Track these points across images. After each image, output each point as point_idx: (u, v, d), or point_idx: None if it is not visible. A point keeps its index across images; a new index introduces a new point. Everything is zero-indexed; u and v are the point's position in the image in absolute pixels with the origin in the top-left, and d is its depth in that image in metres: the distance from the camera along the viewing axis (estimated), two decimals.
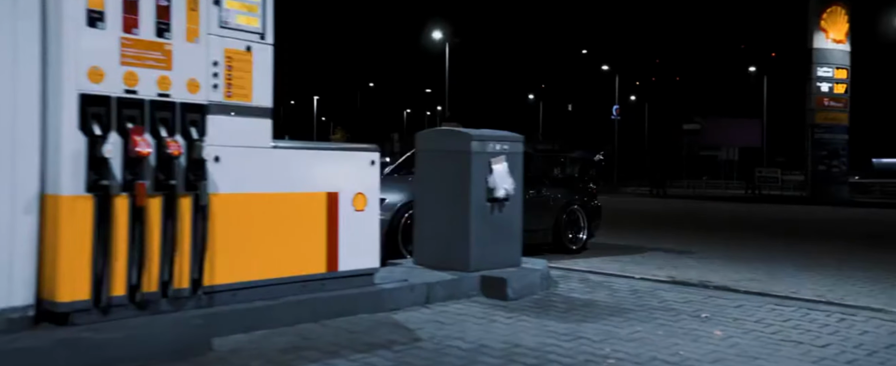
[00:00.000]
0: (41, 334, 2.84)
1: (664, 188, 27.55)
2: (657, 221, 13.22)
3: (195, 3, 3.38)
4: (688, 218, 14.65)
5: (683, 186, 31.26)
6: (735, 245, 8.63)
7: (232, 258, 3.45)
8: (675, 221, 13.43)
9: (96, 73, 3.06)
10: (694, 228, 11.67)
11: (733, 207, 19.04)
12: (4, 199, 2.87)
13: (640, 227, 11.26)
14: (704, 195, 26.81)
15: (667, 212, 16.50)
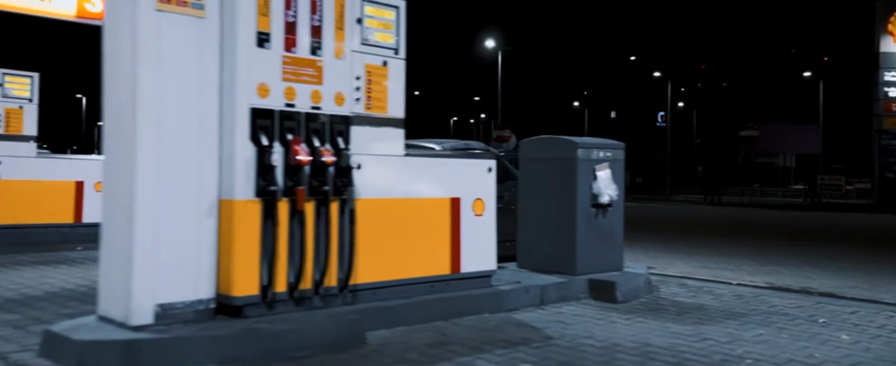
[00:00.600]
0: (227, 324, 3.13)
1: (719, 196, 27.11)
2: (722, 230, 13.12)
3: (342, 22, 3.67)
4: (751, 226, 14.46)
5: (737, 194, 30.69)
6: (814, 253, 8.55)
7: (371, 259, 3.71)
8: (740, 230, 13.29)
9: (263, 88, 3.36)
10: (762, 236, 11.55)
11: (795, 216, 18.65)
12: (191, 203, 3.19)
13: (703, 234, 11.21)
14: (761, 203, 26.27)
15: (727, 220, 16.30)
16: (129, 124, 3.08)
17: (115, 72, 3.20)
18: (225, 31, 3.29)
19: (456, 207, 4.16)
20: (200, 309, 3.20)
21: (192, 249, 3.18)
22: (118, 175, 3.15)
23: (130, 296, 3.02)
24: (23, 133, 7.28)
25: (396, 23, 3.92)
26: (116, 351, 2.85)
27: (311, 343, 3.17)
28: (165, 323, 3.07)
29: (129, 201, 3.05)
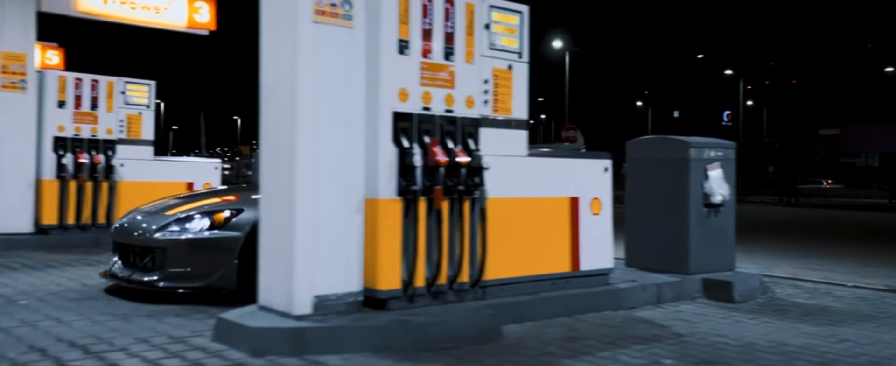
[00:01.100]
0: (377, 316, 3.34)
1: (796, 196, 26.08)
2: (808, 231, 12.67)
3: (472, 28, 3.83)
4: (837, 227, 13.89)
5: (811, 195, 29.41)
6: None
7: (498, 256, 3.85)
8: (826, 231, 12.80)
9: (404, 93, 3.55)
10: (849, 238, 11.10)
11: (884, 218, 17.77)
12: (341, 202, 3.41)
13: (790, 235, 10.87)
14: (842, 204, 25.11)
15: (811, 221, 15.70)
16: (289, 130, 3.32)
17: (274, 81, 3.45)
18: (369, 39, 3.50)
19: (575, 207, 4.26)
20: (350, 301, 3.41)
21: (342, 245, 3.40)
22: (277, 177, 3.40)
23: (292, 288, 3.26)
24: (141, 137, 7.80)
25: (520, 27, 4.05)
26: (285, 337, 3.09)
27: (453, 335, 3.34)
28: (321, 313, 3.30)
29: (290, 202, 3.29)
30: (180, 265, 4.12)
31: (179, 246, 4.15)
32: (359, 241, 3.46)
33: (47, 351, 3.05)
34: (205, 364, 2.90)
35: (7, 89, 7.01)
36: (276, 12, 3.42)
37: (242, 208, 4.24)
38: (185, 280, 4.10)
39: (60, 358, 2.95)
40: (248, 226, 4.08)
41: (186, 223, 4.22)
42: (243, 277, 4.01)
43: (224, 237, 4.12)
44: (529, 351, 3.20)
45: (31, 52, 7.18)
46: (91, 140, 7.45)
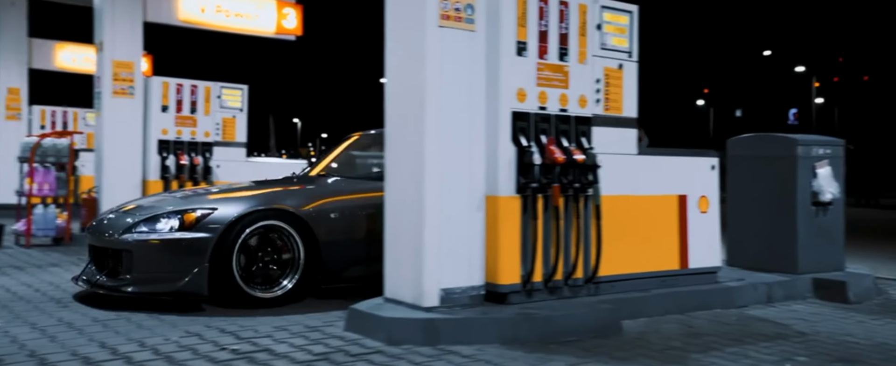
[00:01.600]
0: (502, 309, 3.45)
1: (875, 197, 24.84)
2: None
3: (585, 28, 3.90)
4: None
5: None
6: None
7: (609, 253, 3.89)
8: None
9: (521, 93, 3.65)
10: None
11: None
12: (464, 199, 3.53)
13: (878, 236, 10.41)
14: None
15: None
16: (417, 130, 3.47)
17: (400, 84, 3.60)
18: (489, 41, 3.62)
19: (683, 204, 4.27)
20: (473, 295, 3.54)
21: (465, 241, 3.53)
22: (404, 176, 3.55)
23: (422, 282, 3.40)
24: (235, 140, 8.19)
25: (630, 27, 4.09)
26: (418, 328, 3.23)
27: (575, 329, 3.41)
28: (447, 306, 3.43)
29: (419, 200, 3.44)
30: (147, 269, 3.83)
31: (146, 248, 3.85)
32: (480, 237, 3.58)
33: (203, 335, 3.29)
34: (347, 350, 3.07)
35: (117, 95, 7.48)
36: (402, 18, 3.58)
37: (216, 207, 3.97)
38: (152, 284, 3.81)
39: (218, 341, 3.18)
40: (221, 226, 3.84)
41: (155, 223, 3.93)
42: (216, 281, 3.79)
43: (193, 239, 3.82)
44: (654, 346, 3.25)
45: (139, 60, 7.64)
46: (191, 143, 7.86)
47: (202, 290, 3.79)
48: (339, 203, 4.30)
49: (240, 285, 3.88)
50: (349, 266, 4.24)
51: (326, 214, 4.19)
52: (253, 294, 3.92)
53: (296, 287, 4.04)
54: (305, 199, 4.25)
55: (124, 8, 7.49)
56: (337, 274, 4.22)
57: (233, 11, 8.33)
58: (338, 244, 4.17)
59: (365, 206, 4.30)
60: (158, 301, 3.91)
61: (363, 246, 4.23)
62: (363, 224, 4.27)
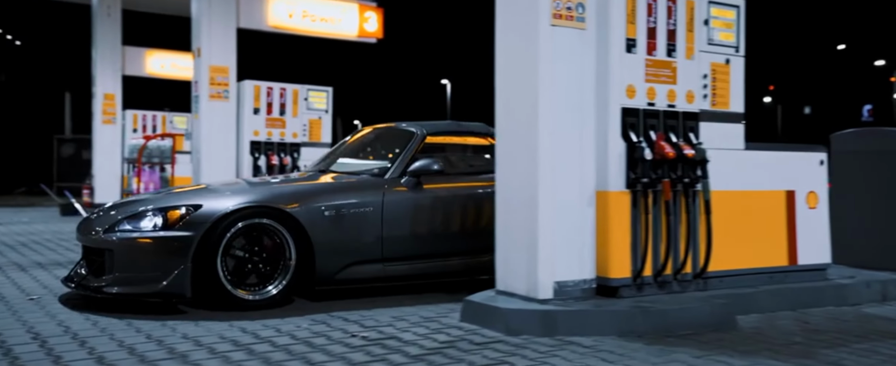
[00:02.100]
0: (617, 302, 3.51)
1: None
2: None
3: (692, 24, 3.90)
4: None
5: None
6: None
7: (718, 248, 3.88)
8: None
9: (631, 90, 3.69)
10: None
11: None
12: (575, 195, 3.61)
13: None
14: None
15: None
16: (529, 127, 3.56)
17: (511, 81, 3.70)
18: (599, 39, 3.67)
19: (791, 200, 4.20)
20: (585, 288, 3.60)
21: (577, 235, 3.60)
22: (517, 171, 3.65)
23: (536, 274, 3.49)
24: (321, 140, 8.50)
25: (737, 22, 4.07)
26: (536, 318, 3.33)
27: (691, 323, 3.43)
28: (561, 299, 3.51)
29: (532, 195, 3.53)
30: (128, 269, 3.67)
31: (127, 247, 3.70)
32: (591, 231, 3.64)
33: (330, 323, 3.48)
34: (470, 339, 3.19)
35: (213, 99, 7.90)
36: (513, 18, 3.68)
37: (200, 204, 3.80)
38: (133, 285, 3.65)
39: (346, 329, 3.36)
40: (205, 224, 3.68)
41: (139, 221, 3.77)
42: (198, 281, 3.64)
43: (175, 237, 3.66)
44: (775, 341, 3.23)
45: (233, 65, 8.04)
46: (280, 143, 8.22)
47: (185, 291, 3.63)
48: (335, 201, 4.05)
49: (225, 287, 3.69)
50: (344, 267, 4.01)
51: (320, 212, 3.96)
52: (239, 296, 3.73)
53: (286, 289, 3.85)
54: (298, 195, 4.02)
55: (220, 16, 7.90)
56: (331, 276, 3.99)
57: (318, 16, 8.65)
58: (332, 244, 3.95)
59: (363, 203, 4.11)
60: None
61: (360, 246, 4.05)
62: (360, 223, 4.07)
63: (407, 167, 4.37)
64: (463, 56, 54.22)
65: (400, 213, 4.23)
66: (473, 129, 5.01)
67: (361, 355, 2.90)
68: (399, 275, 4.22)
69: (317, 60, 25.94)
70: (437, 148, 4.83)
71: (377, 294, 4.25)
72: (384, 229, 4.16)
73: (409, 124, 4.86)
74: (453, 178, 4.55)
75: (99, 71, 12.44)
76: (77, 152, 20.49)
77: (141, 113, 12.95)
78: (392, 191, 4.26)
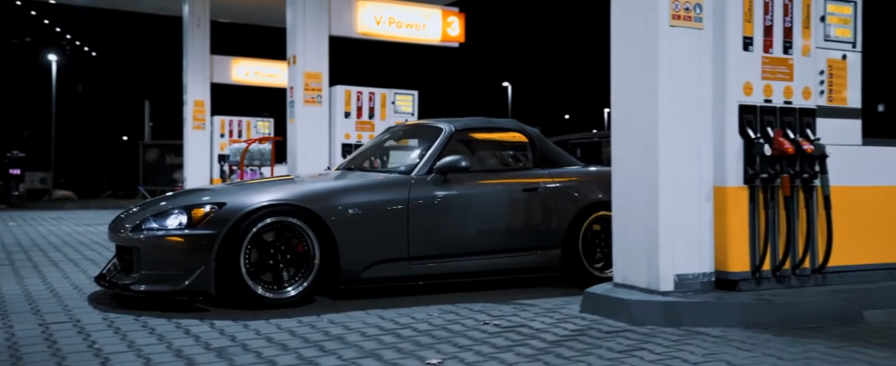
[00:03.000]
0: (740, 294, 3.58)
1: None
2: None
3: (809, 21, 3.93)
4: None
5: None
6: None
7: (836, 243, 3.88)
8: None
9: (748, 87, 3.76)
10: None
11: None
12: (694, 191, 3.70)
13: None
14: None
15: None
16: (649, 126, 3.67)
17: (629, 81, 3.83)
18: (716, 38, 3.76)
19: None
20: (704, 281, 3.69)
21: (695, 229, 3.69)
22: (634, 168, 3.77)
23: (658, 267, 3.60)
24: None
25: (853, 17, 4.06)
26: (660, 309, 3.44)
27: (816, 316, 3.47)
28: (681, 291, 3.61)
29: (653, 191, 3.64)
30: (154, 267, 3.72)
31: (152, 246, 3.75)
32: (709, 226, 3.72)
33: (459, 313, 3.69)
34: (598, 328, 3.33)
35: (308, 104, 8.29)
36: (631, 19, 3.80)
37: (225, 202, 3.81)
38: (158, 283, 3.70)
39: (476, 318, 3.57)
40: (229, 222, 3.69)
41: (164, 219, 3.81)
42: (222, 280, 3.65)
43: (199, 235, 3.69)
44: None
45: (326, 71, 8.42)
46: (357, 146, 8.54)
47: (209, 289, 3.65)
48: (360, 199, 4.05)
49: (248, 285, 3.70)
50: (368, 267, 4.00)
51: (344, 210, 3.95)
52: (262, 295, 3.73)
53: (310, 289, 3.85)
54: (322, 193, 4.02)
55: (313, 24, 8.30)
56: (356, 275, 3.98)
57: (404, 22, 8.96)
58: (356, 243, 3.94)
59: (389, 201, 4.09)
60: None
61: (385, 245, 4.03)
62: (386, 221, 4.06)
63: (434, 164, 4.33)
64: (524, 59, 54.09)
65: (426, 211, 4.19)
66: (504, 125, 4.96)
67: (503, 341, 3.09)
68: (426, 274, 4.17)
69: (395, 65, 26.45)
70: (467, 144, 4.82)
71: (405, 294, 4.22)
72: (410, 227, 4.11)
73: (438, 120, 4.88)
74: (482, 175, 4.52)
75: (190, 79, 13.17)
76: (161, 157, 21.67)
77: (227, 119, 13.63)
78: (418, 188, 4.22)
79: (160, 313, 3.65)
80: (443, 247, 4.26)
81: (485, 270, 4.40)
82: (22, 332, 3.22)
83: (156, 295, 3.78)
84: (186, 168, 13.24)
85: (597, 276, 4.57)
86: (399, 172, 4.43)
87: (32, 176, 27.78)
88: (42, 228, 9.50)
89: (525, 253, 4.48)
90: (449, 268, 4.28)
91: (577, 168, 4.90)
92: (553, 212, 4.60)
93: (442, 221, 4.30)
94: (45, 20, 31.10)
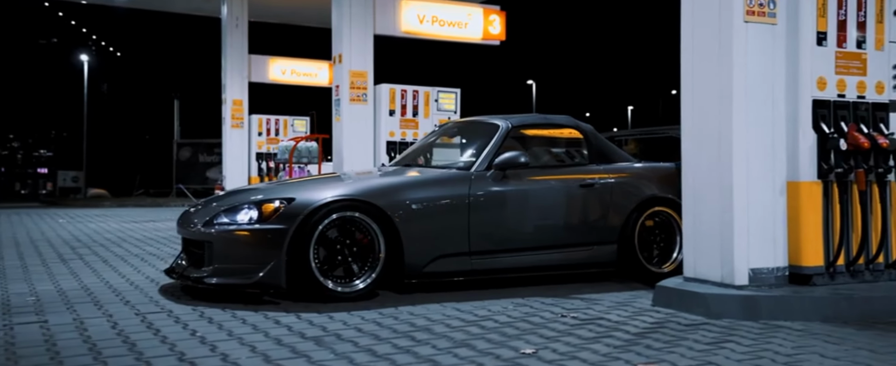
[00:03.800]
0: (812, 289, 3.59)
1: None
2: None
3: (882, 16, 3.91)
4: None
5: None
6: None
7: None
8: None
9: (822, 82, 3.76)
10: None
11: None
12: (768, 186, 3.72)
13: None
14: None
15: None
16: (721, 122, 3.69)
17: (701, 76, 3.84)
18: (789, 33, 3.76)
19: None
20: (778, 275, 3.70)
21: (769, 224, 3.70)
22: (707, 163, 3.79)
23: (732, 261, 3.63)
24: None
25: None
26: (737, 303, 3.47)
27: (891, 310, 3.47)
28: (755, 285, 3.63)
29: (727, 186, 3.66)
30: (226, 260, 3.82)
31: (224, 239, 3.85)
32: (783, 221, 3.73)
33: (532, 305, 3.75)
34: (677, 321, 3.37)
35: (354, 102, 8.40)
36: (704, 15, 3.82)
37: (294, 198, 3.90)
38: (231, 276, 3.80)
39: (551, 311, 3.62)
40: (298, 217, 3.77)
41: (235, 214, 3.91)
42: (293, 273, 3.74)
43: (270, 229, 3.77)
44: None
45: (371, 70, 8.51)
46: (412, 144, 8.62)
47: (280, 282, 3.74)
48: (423, 194, 4.13)
49: (317, 279, 3.78)
50: (431, 260, 4.07)
51: (408, 206, 4.04)
52: (331, 288, 3.82)
53: (375, 282, 3.94)
54: (387, 189, 4.12)
55: (359, 23, 8.40)
56: (419, 269, 4.05)
57: (447, 21, 9.02)
58: (420, 237, 4.02)
59: (450, 196, 4.17)
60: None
61: (447, 240, 4.11)
62: (448, 216, 4.14)
63: (493, 160, 4.38)
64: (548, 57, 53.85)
65: (486, 206, 4.26)
66: (558, 121, 5.00)
67: (587, 332, 3.14)
68: (485, 269, 4.25)
69: (431, 63, 26.55)
70: (522, 140, 4.86)
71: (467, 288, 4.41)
72: (471, 222, 4.19)
73: (494, 117, 4.93)
74: (539, 170, 4.57)
75: (228, 78, 13.39)
76: (193, 155, 22.04)
77: (265, 117, 13.82)
78: (478, 184, 4.29)
79: (243, 305, 3.76)
80: (502, 242, 4.34)
81: (541, 265, 4.47)
82: (123, 321, 3.35)
83: (227, 288, 3.88)
84: (225, 167, 13.46)
85: (652, 271, 4.64)
86: (457, 168, 4.49)
87: (64, 175, 28.40)
88: (93, 225, 9.76)
89: (581, 248, 4.54)
90: (507, 263, 4.35)
91: (630, 164, 4.93)
92: (609, 207, 4.64)
93: (501, 216, 4.37)
94: (72, 21, 31.75)
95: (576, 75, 53.29)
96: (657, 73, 64.93)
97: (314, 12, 14.89)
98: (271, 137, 13.72)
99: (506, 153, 4.41)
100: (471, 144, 4.85)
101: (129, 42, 39.26)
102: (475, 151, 4.63)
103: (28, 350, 2.77)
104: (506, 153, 4.41)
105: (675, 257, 4.77)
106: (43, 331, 3.12)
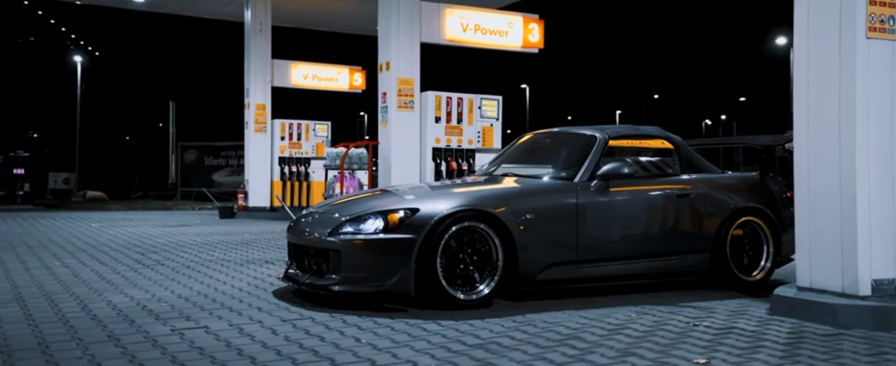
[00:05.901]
0: None
1: None
2: None
3: None
4: None
5: None
6: None
7: None
8: None
9: None
10: None
11: None
12: (888, 197, 3.80)
13: None
14: None
15: None
16: (843, 133, 3.76)
17: (819, 89, 3.91)
18: None
19: None
20: None
21: (890, 236, 3.79)
22: (825, 174, 3.86)
23: (856, 272, 3.70)
24: (493, 146, 8.90)
25: None
26: (867, 313, 3.54)
27: None
28: (878, 296, 3.71)
29: (849, 199, 3.73)
30: (355, 269, 3.89)
31: (354, 248, 3.91)
32: None
33: (656, 316, 3.79)
34: (811, 330, 3.42)
35: (401, 109, 8.42)
36: (823, 30, 3.90)
37: (418, 208, 3.99)
38: (360, 284, 3.87)
39: (679, 319, 3.66)
40: (425, 227, 3.86)
41: (361, 224, 3.98)
42: (421, 281, 3.82)
43: (399, 239, 3.86)
44: None
45: (417, 77, 8.54)
46: (458, 150, 8.67)
47: (409, 290, 3.83)
48: (534, 203, 4.23)
49: (444, 287, 3.87)
50: (543, 269, 4.17)
51: (523, 215, 4.13)
52: (456, 296, 3.90)
53: (495, 290, 4.02)
54: (502, 199, 4.22)
55: (406, 31, 8.43)
56: (532, 277, 4.15)
57: (489, 29, 9.08)
58: (533, 246, 4.13)
59: (560, 205, 4.27)
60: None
61: (557, 248, 4.21)
62: (558, 224, 4.23)
63: (595, 170, 4.48)
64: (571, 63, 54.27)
65: (592, 215, 4.36)
66: (649, 132, 5.11)
67: (735, 341, 3.19)
68: (592, 276, 4.35)
69: (468, 70, 26.59)
70: (611, 151, 4.91)
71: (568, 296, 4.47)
72: (578, 231, 4.30)
73: (586, 128, 5.04)
74: (637, 181, 4.66)
75: (252, 83, 13.31)
76: (199, 158, 21.80)
77: (287, 122, 13.75)
78: (585, 194, 4.38)
79: (374, 312, 3.76)
80: (607, 250, 4.42)
81: (642, 273, 4.54)
82: (279, 327, 3.33)
83: (356, 295, 3.93)
84: (247, 170, 13.36)
85: (743, 279, 4.75)
86: (561, 179, 4.55)
87: (55, 176, 27.85)
88: (131, 230, 9.59)
89: (678, 257, 4.63)
90: (611, 271, 4.43)
91: (719, 175, 5.03)
92: (703, 217, 4.73)
93: (607, 225, 4.45)
94: (51, 20, 31.21)
95: (566, 81, 53.66)
96: (640, 77, 65.85)
97: (336, 17, 14.89)
98: (294, 141, 13.65)
99: (610, 164, 4.49)
100: (566, 155, 4.90)
101: (127, 43, 38.75)
102: (574, 161, 4.69)
103: (222, 354, 2.75)
104: (610, 164, 4.49)
105: (763, 266, 4.87)
106: (212, 336, 3.10)
